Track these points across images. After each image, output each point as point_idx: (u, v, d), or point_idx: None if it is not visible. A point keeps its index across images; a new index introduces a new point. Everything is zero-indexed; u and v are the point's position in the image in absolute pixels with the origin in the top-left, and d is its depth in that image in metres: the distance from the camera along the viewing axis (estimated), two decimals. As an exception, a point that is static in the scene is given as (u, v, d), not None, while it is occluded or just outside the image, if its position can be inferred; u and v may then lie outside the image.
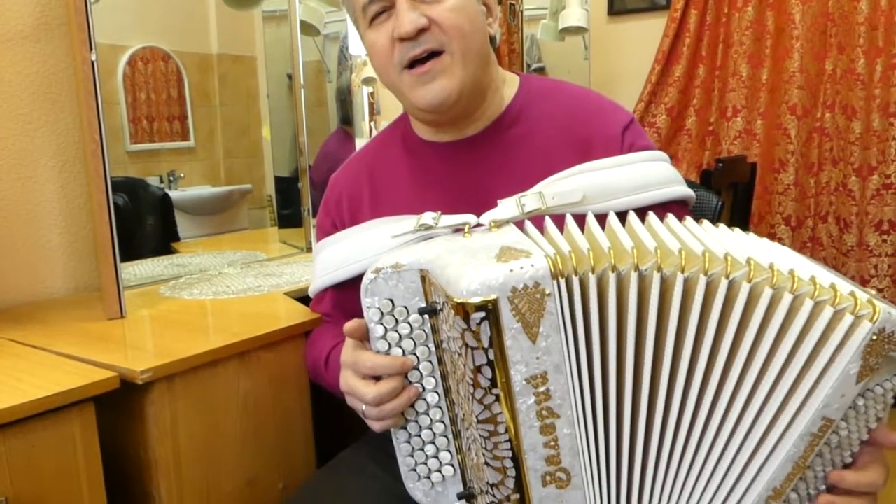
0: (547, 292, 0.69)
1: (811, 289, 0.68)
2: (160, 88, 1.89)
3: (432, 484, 0.86)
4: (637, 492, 0.76)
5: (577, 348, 0.71)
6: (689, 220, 0.81)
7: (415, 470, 0.86)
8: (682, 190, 1.00)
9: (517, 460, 0.72)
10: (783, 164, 2.87)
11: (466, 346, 0.70)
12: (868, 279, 2.75)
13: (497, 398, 0.71)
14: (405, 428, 0.85)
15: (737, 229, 0.83)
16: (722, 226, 0.82)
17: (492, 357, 0.69)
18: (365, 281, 0.81)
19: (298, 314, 1.19)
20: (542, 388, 0.70)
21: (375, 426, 0.84)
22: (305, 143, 1.84)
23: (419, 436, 0.85)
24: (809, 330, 0.68)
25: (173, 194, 1.90)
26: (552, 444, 0.72)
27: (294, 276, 1.50)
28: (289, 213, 2.00)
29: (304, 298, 1.25)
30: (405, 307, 0.81)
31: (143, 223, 1.84)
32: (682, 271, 0.69)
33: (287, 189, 2.01)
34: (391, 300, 0.81)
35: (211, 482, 1.04)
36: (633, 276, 0.70)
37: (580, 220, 0.81)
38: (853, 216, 2.76)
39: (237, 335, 1.07)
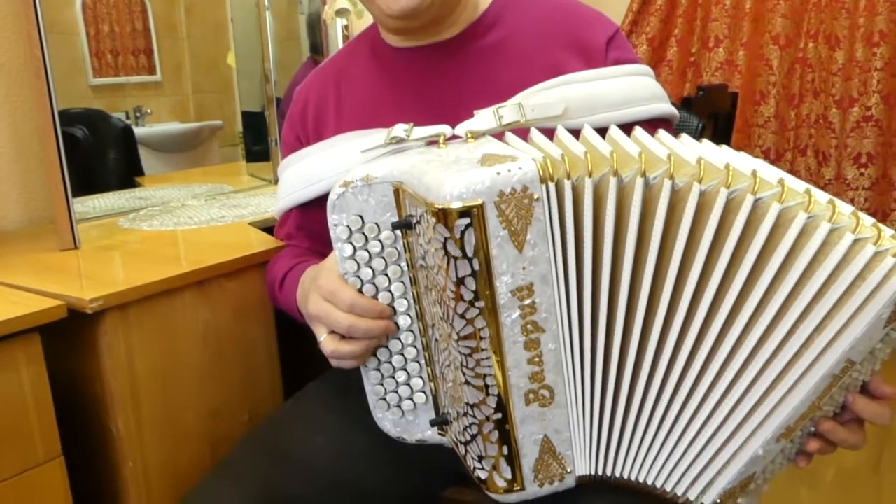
0: (535, 197, 0.63)
1: (852, 223, 0.61)
2: (123, 20, 1.77)
3: (402, 413, 0.81)
4: (622, 415, 0.71)
5: (566, 259, 0.66)
6: (705, 140, 0.74)
7: (384, 399, 0.81)
8: (667, 107, 0.95)
9: (500, 378, 0.67)
10: (764, 97, 2.82)
11: (449, 255, 0.64)
12: (845, 213, 2.73)
13: (480, 311, 0.65)
14: (374, 354, 0.79)
15: (761, 160, 0.75)
16: (743, 153, 0.74)
17: (476, 267, 0.64)
18: (332, 196, 0.75)
19: (262, 243, 1.13)
20: (527, 301, 0.65)
21: (333, 362, 0.79)
22: (272, 71, 1.75)
23: (389, 362, 0.79)
24: (845, 267, 0.61)
25: (140, 131, 1.80)
26: (536, 360, 0.67)
27: (260, 207, 1.44)
28: (259, 150, 1.93)
29: (269, 229, 1.20)
30: (376, 223, 0.75)
31: (105, 157, 1.76)
32: (700, 182, 0.62)
33: (256, 124, 1.94)
34: (361, 216, 0.75)
35: (172, 414, 0.99)
36: (639, 183, 0.63)
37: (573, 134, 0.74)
38: (832, 149, 2.73)
39: (196, 263, 1.02)
